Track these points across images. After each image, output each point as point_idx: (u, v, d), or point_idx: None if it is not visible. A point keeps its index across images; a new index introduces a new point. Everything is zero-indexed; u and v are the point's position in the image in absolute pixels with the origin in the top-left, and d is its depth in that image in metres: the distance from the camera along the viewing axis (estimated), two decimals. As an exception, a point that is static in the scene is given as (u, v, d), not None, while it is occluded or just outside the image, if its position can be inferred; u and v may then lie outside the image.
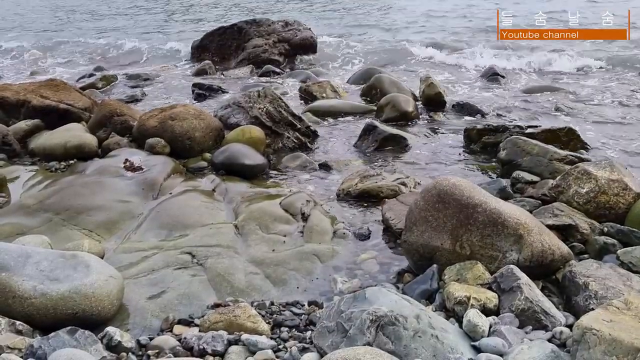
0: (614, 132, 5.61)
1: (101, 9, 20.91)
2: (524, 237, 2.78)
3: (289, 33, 10.35)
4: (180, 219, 3.82)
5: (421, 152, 5.30)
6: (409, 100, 6.50)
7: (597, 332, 1.96)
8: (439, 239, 2.95)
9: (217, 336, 2.41)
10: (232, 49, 10.32)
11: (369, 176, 4.48)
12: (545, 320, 2.41)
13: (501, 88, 7.75)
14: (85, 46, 12.90)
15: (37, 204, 4.02)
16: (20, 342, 2.26)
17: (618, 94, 7.05)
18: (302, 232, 3.71)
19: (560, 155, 4.43)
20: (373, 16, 15.44)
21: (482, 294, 2.57)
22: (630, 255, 2.95)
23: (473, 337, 2.30)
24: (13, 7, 22.82)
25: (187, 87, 8.45)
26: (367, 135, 5.54)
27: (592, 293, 2.55)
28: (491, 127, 5.39)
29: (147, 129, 5.30)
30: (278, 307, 2.82)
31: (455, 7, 15.64)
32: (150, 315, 2.75)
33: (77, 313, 2.50)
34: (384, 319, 2.09)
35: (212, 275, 3.11)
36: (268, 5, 19.62)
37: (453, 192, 2.95)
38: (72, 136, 5.25)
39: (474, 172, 4.77)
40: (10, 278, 2.50)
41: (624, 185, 3.47)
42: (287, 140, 5.57)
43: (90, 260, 2.73)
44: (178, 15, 18.61)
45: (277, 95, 5.94)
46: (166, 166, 4.81)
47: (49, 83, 6.35)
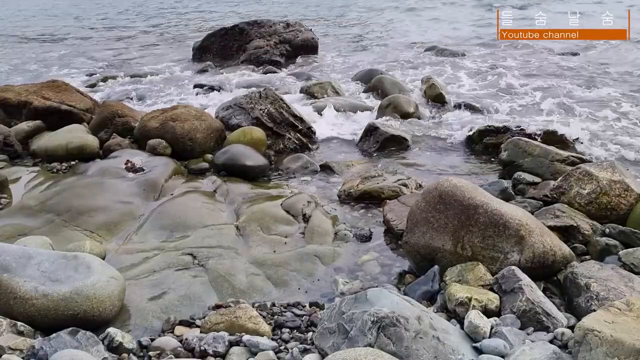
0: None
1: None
2: (525, 238, 2.78)
3: (290, 34, 10.36)
4: (181, 220, 3.82)
5: (422, 153, 5.30)
6: (410, 101, 6.51)
7: (599, 334, 1.95)
8: (440, 240, 2.95)
9: (219, 337, 2.41)
10: (233, 49, 10.34)
11: (370, 177, 4.48)
12: (547, 321, 2.41)
13: (502, 88, 7.75)
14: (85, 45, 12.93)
15: (38, 205, 4.02)
16: (22, 343, 2.26)
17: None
18: (303, 233, 3.71)
19: (562, 156, 4.43)
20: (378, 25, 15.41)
21: (484, 295, 2.57)
22: (632, 257, 2.94)
23: (474, 338, 2.30)
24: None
25: (189, 87, 8.46)
26: (369, 136, 5.55)
27: (593, 294, 2.55)
28: (493, 128, 5.39)
29: (149, 130, 5.31)
30: (279, 308, 2.82)
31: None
32: (152, 316, 2.75)
33: (79, 314, 2.50)
34: (385, 320, 2.09)
35: (214, 276, 3.11)
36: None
37: (454, 193, 2.95)
38: (74, 137, 5.26)
39: (476, 173, 4.77)
40: (11, 279, 2.50)
41: (626, 186, 3.47)
42: (288, 141, 5.57)
43: (92, 262, 2.73)
44: (179, 15, 18.64)
45: (278, 96, 5.94)
46: (167, 167, 4.81)
47: (50, 84, 6.35)
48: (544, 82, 7.88)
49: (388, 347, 2.05)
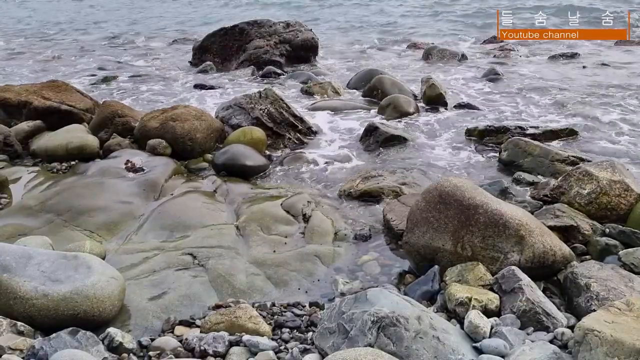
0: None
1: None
2: (525, 238, 2.78)
3: (290, 34, 10.35)
4: (181, 220, 3.82)
5: (422, 153, 5.30)
6: (409, 101, 6.51)
7: (599, 334, 1.95)
8: (440, 240, 2.95)
9: (219, 337, 2.41)
10: (233, 49, 10.32)
11: (370, 177, 4.48)
12: (547, 321, 2.41)
13: (502, 88, 7.75)
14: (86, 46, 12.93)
15: (38, 205, 4.02)
16: (22, 343, 2.26)
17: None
18: (303, 233, 3.71)
19: (562, 156, 4.43)
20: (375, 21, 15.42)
21: (484, 295, 2.57)
22: (632, 257, 2.95)
23: (474, 338, 2.30)
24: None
25: (189, 88, 8.46)
26: (369, 136, 5.55)
27: (593, 294, 2.55)
28: (493, 127, 5.39)
29: (149, 130, 5.31)
30: (279, 308, 2.82)
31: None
32: (152, 316, 2.75)
33: (79, 314, 2.50)
34: (385, 320, 2.09)
35: (214, 276, 3.11)
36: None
37: (454, 193, 2.95)
38: (74, 137, 5.26)
39: (476, 173, 4.77)
40: (11, 279, 2.51)
41: (626, 186, 3.47)
42: (288, 141, 5.57)
43: (92, 261, 2.73)
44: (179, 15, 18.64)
45: (278, 96, 5.94)
46: (167, 167, 4.82)
47: (50, 84, 6.35)
48: (545, 83, 7.89)
49: (388, 347, 2.05)
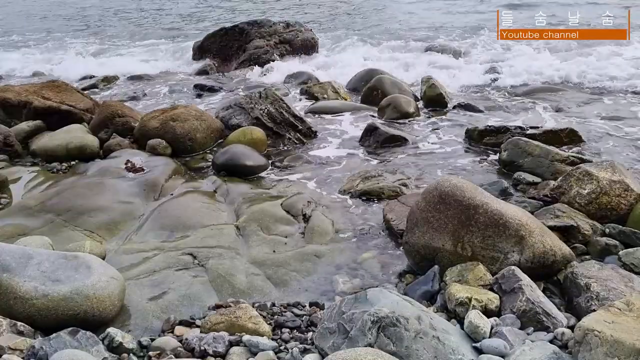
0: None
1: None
2: (525, 238, 2.78)
3: (290, 34, 10.35)
4: (181, 220, 3.82)
5: (422, 153, 5.29)
6: (410, 101, 6.51)
7: (599, 334, 1.95)
8: (440, 240, 2.95)
9: (219, 337, 2.41)
10: (233, 49, 10.32)
11: (371, 177, 4.48)
12: (547, 321, 2.41)
13: (502, 88, 7.75)
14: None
15: (38, 205, 4.02)
16: (22, 343, 2.26)
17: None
18: (303, 233, 3.71)
19: (562, 156, 4.42)
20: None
21: (484, 295, 2.57)
22: (632, 257, 2.94)
23: (474, 338, 2.30)
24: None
25: (189, 88, 8.46)
26: (369, 136, 5.55)
27: (593, 294, 2.55)
28: (492, 128, 5.39)
29: (149, 130, 5.31)
30: (279, 308, 2.82)
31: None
32: (152, 316, 2.75)
33: (79, 314, 2.50)
34: (385, 320, 2.09)
35: (214, 276, 3.11)
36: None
37: (454, 193, 2.95)
38: (74, 137, 5.26)
39: (475, 173, 4.76)
40: (11, 279, 2.50)
41: (626, 186, 3.47)
42: (288, 141, 5.58)
43: (92, 261, 2.73)
44: (180, 16, 18.63)
45: (278, 96, 5.94)
46: (167, 167, 4.82)
47: (50, 84, 6.35)
48: (545, 83, 7.88)
49: (388, 347, 2.05)
